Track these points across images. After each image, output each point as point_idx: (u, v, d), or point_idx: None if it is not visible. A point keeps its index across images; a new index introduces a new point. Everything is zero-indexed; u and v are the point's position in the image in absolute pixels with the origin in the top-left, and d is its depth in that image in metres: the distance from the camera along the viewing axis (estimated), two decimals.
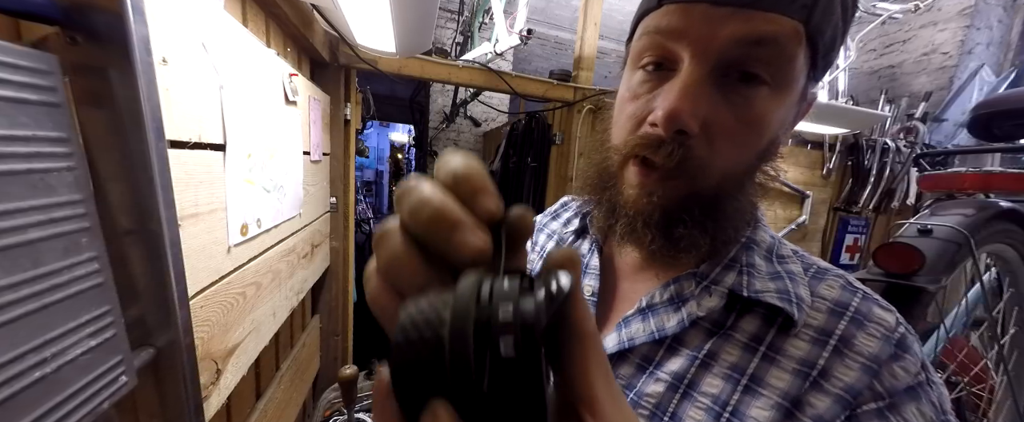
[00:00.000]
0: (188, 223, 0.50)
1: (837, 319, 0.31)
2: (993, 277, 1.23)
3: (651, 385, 0.33)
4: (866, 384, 0.28)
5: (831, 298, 0.32)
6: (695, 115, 0.29)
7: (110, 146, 0.37)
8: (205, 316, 0.55)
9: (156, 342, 0.42)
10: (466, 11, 2.79)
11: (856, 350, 0.29)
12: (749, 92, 0.29)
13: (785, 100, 0.30)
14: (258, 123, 0.71)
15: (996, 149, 1.21)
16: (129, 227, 0.39)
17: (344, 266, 1.40)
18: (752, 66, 0.28)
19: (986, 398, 1.22)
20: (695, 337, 0.34)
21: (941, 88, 2.63)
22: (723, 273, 0.34)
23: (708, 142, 0.30)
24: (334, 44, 1.20)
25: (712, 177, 0.31)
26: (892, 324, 0.31)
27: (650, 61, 0.32)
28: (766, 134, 0.31)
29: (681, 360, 0.33)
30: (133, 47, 0.35)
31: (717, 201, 0.32)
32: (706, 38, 0.28)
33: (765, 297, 0.32)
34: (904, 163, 2.01)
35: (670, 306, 0.35)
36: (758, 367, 0.31)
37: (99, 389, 0.35)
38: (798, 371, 0.30)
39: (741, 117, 0.29)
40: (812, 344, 0.30)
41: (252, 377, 0.84)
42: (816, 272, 0.35)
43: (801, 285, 0.33)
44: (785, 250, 0.37)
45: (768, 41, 0.27)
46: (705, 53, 0.28)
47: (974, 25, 2.56)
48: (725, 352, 0.32)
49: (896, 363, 0.29)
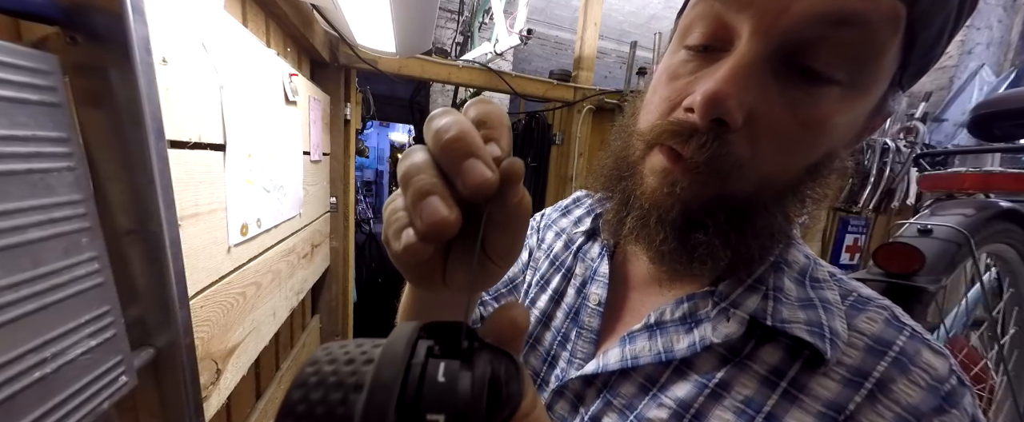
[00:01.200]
0: (188, 223, 0.50)
1: (876, 359, 0.26)
2: (993, 277, 1.23)
3: (653, 410, 0.29)
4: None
5: (871, 333, 0.27)
6: (742, 104, 0.23)
7: (110, 146, 0.37)
8: (205, 316, 0.55)
9: (156, 342, 0.42)
10: (466, 11, 2.79)
11: (893, 398, 0.25)
12: (815, 89, 0.23)
13: (859, 105, 0.25)
14: (258, 123, 0.71)
15: (996, 149, 1.21)
16: (129, 227, 0.39)
17: (344, 266, 1.40)
18: (827, 55, 0.22)
19: (986, 398, 1.22)
20: (707, 362, 0.29)
21: (941, 88, 2.63)
22: (745, 295, 0.29)
23: (751, 140, 0.25)
24: (334, 44, 1.20)
25: (748, 182, 0.26)
26: (944, 373, 0.25)
27: (700, 39, 0.26)
28: (823, 143, 0.26)
29: (689, 386, 0.29)
30: (133, 47, 0.35)
31: (749, 211, 0.27)
32: (776, 11, 0.22)
33: (792, 329, 0.27)
34: (904, 163, 2.01)
35: (682, 326, 0.31)
36: (776, 404, 0.26)
37: (99, 389, 0.35)
38: (823, 414, 0.25)
39: (799, 116, 0.24)
40: (843, 385, 0.26)
41: (252, 377, 0.84)
42: (856, 301, 0.29)
43: (837, 316, 0.28)
44: (821, 272, 0.31)
45: (856, 21, 0.21)
46: (770, 29, 0.22)
47: (974, 25, 2.56)
48: (740, 383, 0.28)
49: (938, 418, 0.24)
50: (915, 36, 0.23)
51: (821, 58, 0.22)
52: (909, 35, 0.22)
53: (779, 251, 0.31)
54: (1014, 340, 1.21)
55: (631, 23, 3.99)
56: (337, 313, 1.41)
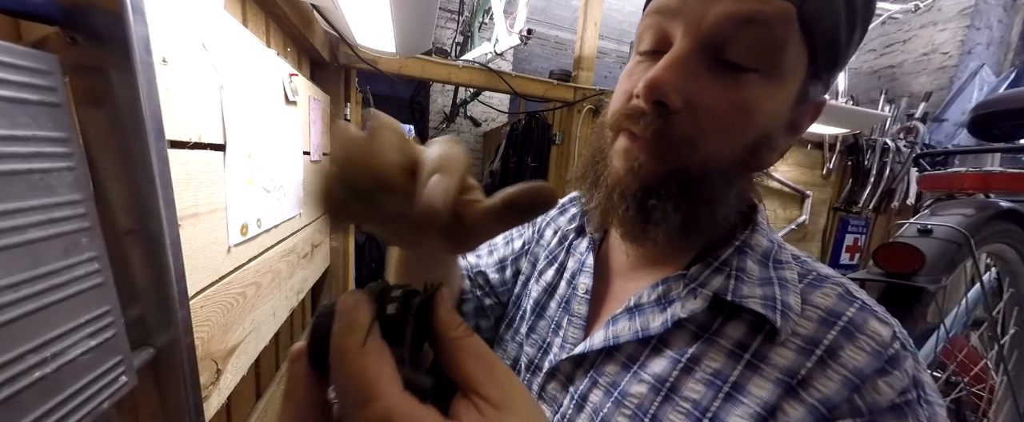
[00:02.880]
0: (188, 223, 0.50)
1: (827, 328, 0.29)
2: (993, 277, 1.23)
3: (635, 385, 0.33)
4: (844, 397, 0.27)
5: (824, 306, 0.31)
6: (678, 89, 0.28)
7: (110, 146, 0.37)
8: (205, 316, 0.55)
9: (156, 342, 0.42)
10: (466, 11, 2.79)
11: (841, 362, 0.28)
12: (739, 76, 0.28)
13: (780, 92, 0.29)
14: (258, 123, 0.71)
15: (996, 149, 1.21)
16: (129, 227, 0.39)
17: (344, 266, 1.40)
18: (740, 48, 0.28)
19: (986, 398, 1.22)
20: (680, 339, 0.33)
21: (941, 88, 2.63)
22: (711, 276, 0.33)
23: (692, 120, 0.29)
24: (334, 44, 1.20)
25: (697, 157, 0.30)
26: (888, 339, 0.28)
27: (648, 45, 0.32)
28: (755, 124, 0.30)
29: (664, 362, 0.33)
30: (133, 47, 0.35)
31: (698, 183, 0.31)
32: (698, 15, 0.28)
33: (749, 303, 0.31)
34: (904, 163, 2.01)
35: (657, 306, 0.35)
36: (741, 375, 0.30)
37: (99, 389, 0.35)
38: (780, 381, 0.29)
39: (729, 100, 0.29)
40: (798, 353, 0.29)
41: (252, 377, 0.84)
42: (814, 279, 0.33)
43: (792, 292, 0.31)
44: (784, 255, 0.35)
45: (757, 20, 0.27)
46: (695, 31, 0.28)
47: (974, 25, 2.56)
48: (709, 357, 0.31)
49: (881, 378, 0.27)
50: (812, 32, 0.27)
51: (737, 52, 0.28)
52: (806, 32, 0.27)
53: (744, 236, 0.35)
54: (1014, 340, 1.21)
55: (631, 23, 3.99)
56: None
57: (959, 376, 1.17)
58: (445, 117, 3.92)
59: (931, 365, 1.24)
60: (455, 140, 0.21)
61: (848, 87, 1.88)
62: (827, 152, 1.96)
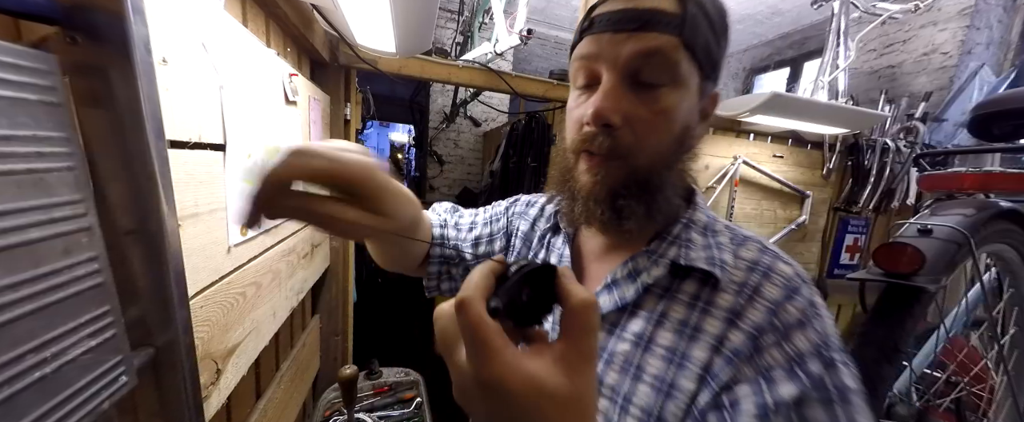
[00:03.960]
0: (188, 223, 0.50)
1: (751, 274, 0.39)
2: (993, 277, 1.23)
3: (620, 345, 0.41)
4: (768, 321, 0.36)
5: (749, 258, 0.41)
6: (616, 111, 0.38)
7: (110, 146, 0.37)
8: (205, 316, 0.55)
9: (156, 342, 0.42)
10: (466, 11, 2.79)
11: (762, 296, 0.38)
12: (654, 92, 0.38)
13: (683, 95, 0.39)
14: (258, 123, 0.71)
15: (996, 149, 1.21)
16: (129, 227, 0.39)
17: (344, 266, 1.40)
18: (650, 72, 0.37)
19: (986, 398, 1.22)
20: (649, 301, 0.42)
21: (941, 88, 2.63)
22: (667, 248, 0.43)
23: (632, 132, 0.38)
24: (334, 44, 1.20)
25: (642, 158, 0.39)
26: (791, 275, 0.39)
27: (581, 81, 0.41)
28: (676, 121, 0.39)
29: (640, 321, 0.41)
30: (133, 47, 0.35)
31: (649, 178, 0.40)
32: (614, 56, 0.37)
33: (697, 263, 0.40)
34: (904, 163, 2.01)
35: (629, 279, 0.43)
36: (698, 319, 0.39)
37: (99, 389, 0.35)
38: (725, 317, 0.38)
39: (653, 110, 0.38)
40: (735, 295, 0.39)
41: (252, 377, 0.84)
42: (740, 240, 0.43)
43: (726, 251, 0.41)
44: (718, 226, 0.45)
45: (655, 52, 0.36)
46: (615, 66, 0.38)
47: (974, 25, 2.56)
48: (673, 310, 0.40)
49: (789, 302, 0.37)
50: (694, 51, 0.37)
51: (649, 74, 0.37)
52: (690, 51, 0.37)
53: (689, 213, 0.45)
54: (1014, 340, 1.21)
55: None
56: (337, 313, 1.41)
57: (959, 376, 1.17)
58: (445, 117, 3.92)
59: (931, 365, 1.24)
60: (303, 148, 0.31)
61: (848, 87, 1.88)
62: (827, 152, 1.96)
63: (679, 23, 0.36)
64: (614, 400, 0.40)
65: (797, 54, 4.00)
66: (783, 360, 0.35)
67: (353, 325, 1.50)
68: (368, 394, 1.31)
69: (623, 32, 0.37)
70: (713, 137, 1.75)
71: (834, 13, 1.81)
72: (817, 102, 1.48)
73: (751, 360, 0.36)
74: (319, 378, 1.37)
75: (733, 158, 1.77)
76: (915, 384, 1.18)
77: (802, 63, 3.98)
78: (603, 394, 0.41)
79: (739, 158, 1.76)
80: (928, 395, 1.17)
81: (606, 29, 0.38)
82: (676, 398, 0.37)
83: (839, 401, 0.32)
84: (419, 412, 1.25)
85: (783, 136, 1.89)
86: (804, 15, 3.60)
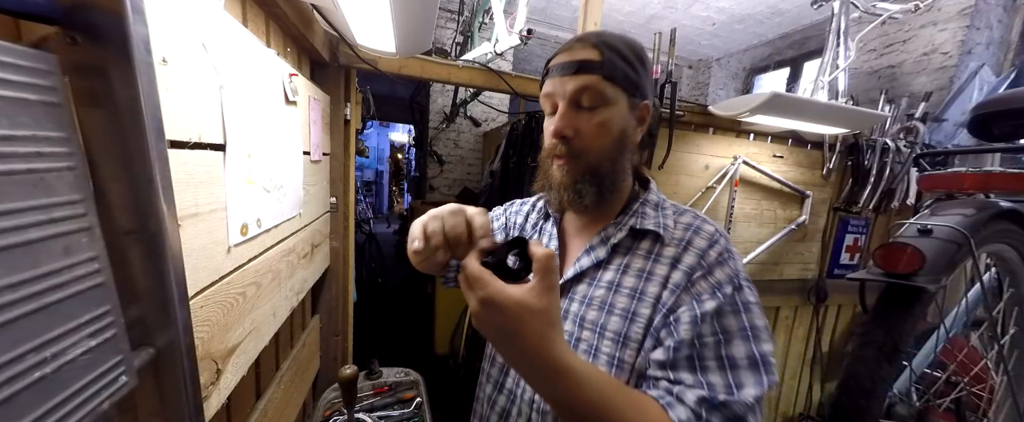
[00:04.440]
0: (188, 223, 0.50)
1: (686, 232, 0.57)
2: (993, 277, 1.23)
3: (596, 291, 0.58)
4: (697, 263, 0.53)
5: (684, 223, 0.59)
6: (569, 127, 0.56)
7: (110, 146, 0.37)
8: (205, 316, 0.55)
9: (156, 342, 0.42)
10: (466, 11, 2.78)
11: (693, 246, 0.55)
12: (593, 112, 0.55)
13: (614, 111, 0.55)
14: (258, 123, 0.71)
15: (996, 149, 1.21)
16: (129, 227, 0.39)
17: (344, 266, 1.40)
18: (587, 99, 0.55)
19: (986, 398, 1.22)
20: (617, 257, 0.59)
21: (941, 88, 2.63)
22: (628, 219, 0.60)
23: (582, 140, 0.56)
24: (334, 44, 1.20)
25: (591, 157, 0.56)
26: (712, 231, 0.56)
27: (548, 109, 0.59)
28: (613, 129, 0.56)
29: (610, 272, 0.58)
30: (133, 47, 0.35)
31: (597, 168, 0.57)
32: (563, 91, 0.55)
33: (648, 227, 0.58)
34: (904, 163, 2.01)
35: (601, 243, 0.61)
36: (651, 266, 0.56)
37: (99, 389, 0.35)
38: (669, 263, 0.55)
39: (594, 123, 0.55)
40: (675, 248, 0.56)
41: (252, 377, 0.84)
42: (680, 212, 0.61)
43: (669, 219, 0.60)
44: (665, 204, 0.63)
45: (587, 87, 0.54)
46: (565, 98, 0.55)
47: (974, 25, 2.56)
48: (633, 262, 0.58)
49: (710, 249, 0.54)
50: (615, 80, 0.54)
51: (586, 101, 0.55)
52: (612, 81, 0.54)
53: (644, 197, 0.63)
54: (1014, 340, 1.21)
55: (631, 23, 3.99)
56: (337, 313, 1.41)
57: (959, 376, 1.17)
58: (445, 117, 3.92)
59: (931, 365, 1.24)
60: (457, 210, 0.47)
61: (848, 87, 1.88)
62: (827, 152, 1.96)
63: (599, 66, 0.53)
64: (594, 330, 0.56)
65: (797, 54, 4.00)
66: (707, 287, 0.51)
67: (353, 325, 1.50)
68: (368, 394, 1.31)
69: (567, 76, 0.55)
70: (713, 137, 1.75)
71: (834, 13, 1.81)
72: (817, 102, 1.48)
73: (687, 289, 0.52)
74: (319, 378, 1.37)
75: (733, 158, 1.77)
76: (915, 384, 1.18)
77: (802, 63, 3.98)
78: (586, 327, 0.57)
79: (739, 158, 1.76)
80: (928, 395, 1.17)
81: (557, 74, 0.56)
82: (637, 322, 0.54)
83: (743, 310, 0.49)
84: (419, 412, 1.25)
85: (783, 136, 1.89)
86: (804, 15, 3.60)
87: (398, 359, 1.61)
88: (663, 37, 1.57)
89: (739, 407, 0.44)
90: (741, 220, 1.85)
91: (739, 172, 1.78)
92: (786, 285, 2.03)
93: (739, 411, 0.44)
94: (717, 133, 1.76)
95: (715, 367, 0.47)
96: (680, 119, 1.63)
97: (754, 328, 0.48)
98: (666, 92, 1.57)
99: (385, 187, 10.01)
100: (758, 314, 0.49)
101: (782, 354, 2.17)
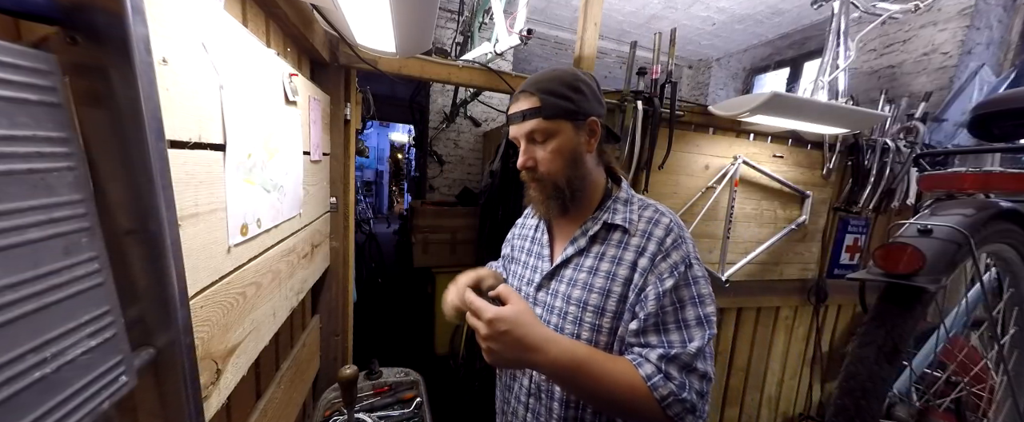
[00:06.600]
0: (188, 223, 0.50)
1: (648, 224, 0.70)
2: (993, 277, 1.23)
3: (579, 275, 0.72)
4: (657, 249, 0.67)
5: (647, 216, 0.72)
6: (530, 158, 0.72)
7: (110, 146, 0.37)
8: (205, 316, 0.55)
9: (156, 342, 0.42)
10: (466, 11, 2.78)
11: (654, 236, 0.68)
12: (545, 143, 0.70)
13: (562, 138, 0.70)
14: (258, 123, 0.71)
15: (996, 149, 1.20)
16: (129, 227, 0.39)
17: (344, 266, 1.40)
18: (537, 136, 0.70)
19: (986, 398, 1.22)
20: (595, 246, 0.73)
21: (941, 88, 2.63)
22: (602, 214, 0.74)
23: (542, 166, 0.71)
24: (334, 44, 1.20)
25: (552, 178, 0.71)
26: (669, 222, 0.70)
27: (517, 144, 0.74)
28: (564, 152, 0.70)
29: (590, 259, 0.73)
30: (133, 47, 0.35)
31: (558, 185, 0.72)
32: (520, 133, 0.71)
33: (617, 221, 0.72)
34: (904, 163, 2.01)
35: (582, 235, 0.74)
36: (621, 253, 0.70)
37: (99, 389, 0.35)
38: (636, 250, 0.69)
39: (548, 152, 0.70)
40: (639, 237, 0.69)
41: (252, 377, 0.84)
42: (645, 206, 0.74)
43: (635, 213, 0.73)
44: (633, 200, 0.75)
45: (535, 129, 0.69)
46: (523, 137, 0.72)
47: (974, 25, 2.56)
48: (607, 250, 0.71)
49: (667, 237, 0.68)
50: (556, 117, 0.69)
51: (537, 137, 0.71)
52: (553, 118, 0.69)
53: (615, 195, 0.76)
54: (1014, 340, 1.20)
55: (631, 23, 3.99)
56: (337, 313, 1.41)
57: (959, 376, 1.17)
58: (445, 117, 3.92)
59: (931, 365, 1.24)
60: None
61: (848, 87, 1.88)
62: (827, 152, 1.96)
63: (539, 110, 0.68)
64: (578, 305, 0.70)
65: (797, 54, 4.00)
66: (667, 268, 0.66)
67: (353, 325, 1.50)
68: (368, 394, 1.31)
69: (517, 122, 0.71)
70: (713, 137, 1.75)
71: (834, 13, 1.81)
72: (817, 102, 1.47)
73: (651, 271, 0.66)
74: (319, 378, 1.37)
75: (733, 158, 1.77)
76: (915, 384, 1.18)
77: (802, 63, 3.98)
78: (572, 303, 0.71)
79: (739, 158, 1.76)
80: (928, 395, 1.17)
81: (513, 121, 0.72)
82: (611, 297, 0.68)
83: (693, 283, 0.65)
84: (419, 412, 1.25)
85: (783, 136, 1.89)
86: (804, 15, 3.59)
87: (398, 359, 1.61)
88: (663, 37, 1.57)
89: (687, 357, 0.60)
90: (741, 220, 1.85)
91: (739, 172, 1.78)
92: (786, 285, 2.03)
93: (688, 359, 0.60)
94: (717, 133, 1.76)
95: (674, 328, 0.63)
96: (680, 119, 1.63)
97: (701, 296, 0.65)
98: (666, 92, 1.57)
99: (385, 187, 10.01)
100: (704, 284, 0.66)
101: (782, 354, 2.17)
